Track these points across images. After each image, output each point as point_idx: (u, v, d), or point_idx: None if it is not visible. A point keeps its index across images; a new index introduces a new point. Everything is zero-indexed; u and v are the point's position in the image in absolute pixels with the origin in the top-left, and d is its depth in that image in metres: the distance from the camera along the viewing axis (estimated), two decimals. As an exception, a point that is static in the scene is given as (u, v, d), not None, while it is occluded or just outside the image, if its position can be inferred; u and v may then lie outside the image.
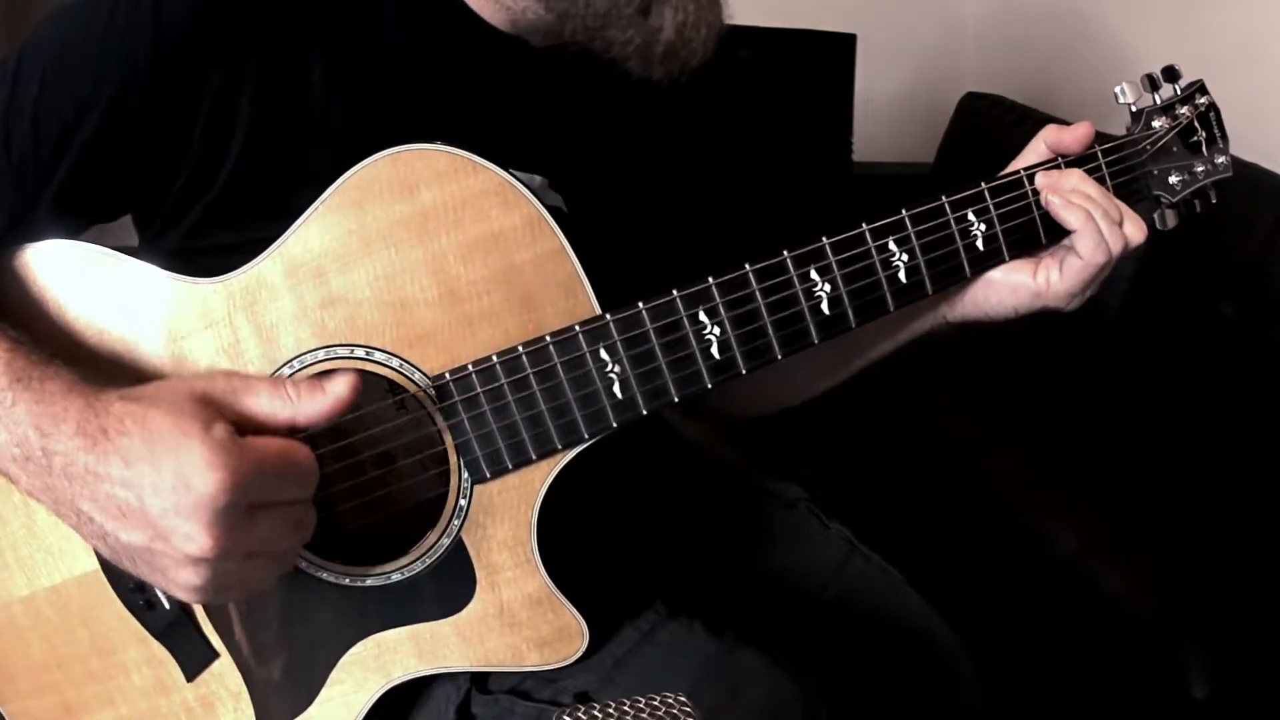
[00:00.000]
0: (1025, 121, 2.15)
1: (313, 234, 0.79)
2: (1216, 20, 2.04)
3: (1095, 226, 0.85)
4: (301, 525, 0.71)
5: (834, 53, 2.42)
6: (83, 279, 0.82)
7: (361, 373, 0.81)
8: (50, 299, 0.82)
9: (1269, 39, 1.93)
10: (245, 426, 0.70)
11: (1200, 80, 0.93)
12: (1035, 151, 0.90)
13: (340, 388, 0.71)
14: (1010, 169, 0.89)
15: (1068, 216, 0.86)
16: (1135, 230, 0.87)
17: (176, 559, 0.67)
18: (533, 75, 0.92)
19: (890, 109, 2.67)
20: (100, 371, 0.81)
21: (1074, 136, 0.88)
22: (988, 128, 2.24)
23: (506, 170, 0.79)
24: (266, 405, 0.71)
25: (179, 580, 0.68)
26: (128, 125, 0.80)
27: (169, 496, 0.65)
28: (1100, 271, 0.87)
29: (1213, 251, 1.68)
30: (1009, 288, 0.90)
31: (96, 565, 0.85)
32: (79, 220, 0.85)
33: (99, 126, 0.80)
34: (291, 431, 0.72)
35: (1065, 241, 0.88)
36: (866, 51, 2.44)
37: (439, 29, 0.88)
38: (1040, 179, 0.87)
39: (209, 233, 0.84)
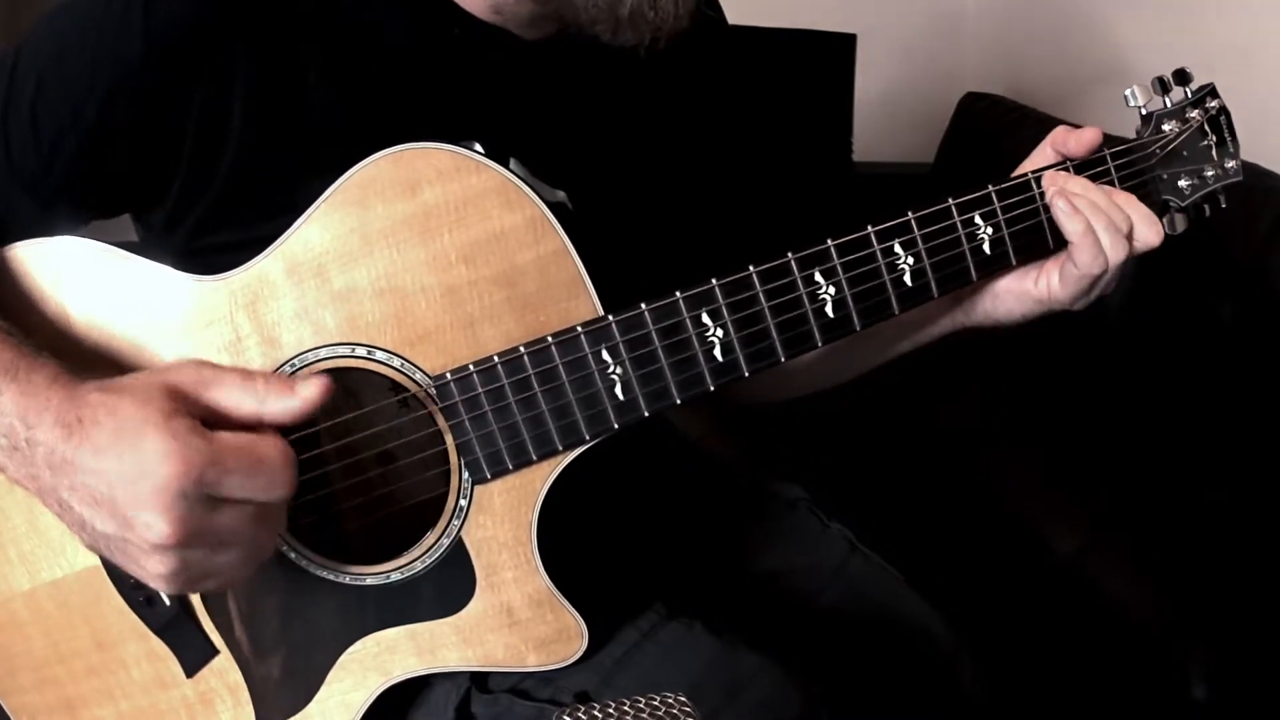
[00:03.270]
0: (1025, 121, 2.15)
1: (314, 232, 0.79)
2: (1216, 20, 2.04)
3: (1094, 239, 0.85)
4: (268, 519, 0.71)
5: (834, 53, 2.43)
6: (85, 275, 0.82)
7: (362, 371, 0.81)
8: (52, 294, 0.82)
9: (1269, 39, 1.93)
10: (211, 418, 0.70)
11: (1211, 84, 0.92)
12: (1044, 155, 0.90)
13: (311, 390, 0.71)
14: (1018, 172, 0.89)
15: (1068, 225, 0.85)
16: (1148, 232, 0.86)
17: (142, 547, 0.68)
18: (530, 72, 0.92)
19: (890, 109, 2.67)
20: (101, 367, 0.81)
21: (1079, 141, 0.88)
22: (987, 128, 2.24)
23: (509, 169, 0.79)
24: (234, 398, 0.71)
25: (148, 568, 0.70)
26: (121, 125, 0.80)
27: (131, 485, 0.67)
28: (1101, 278, 0.87)
29: (1212, 252, 1.68)
30: (1014, 296, 0.91)
31: (98, 561, 0.85)
32: (78, 217, 0.85)
33: (93, 126, 0.80)
34: (286, 431, 0.72)
35: (1064, 251, 0.87)
36: (866, 51, 2.44)
37: (432, 26, 0.88)
38: (1045, 180, 0.87)
39: (211, 231, 0.85)
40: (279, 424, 0.72)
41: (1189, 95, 0.92)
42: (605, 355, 0.80)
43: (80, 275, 0.82)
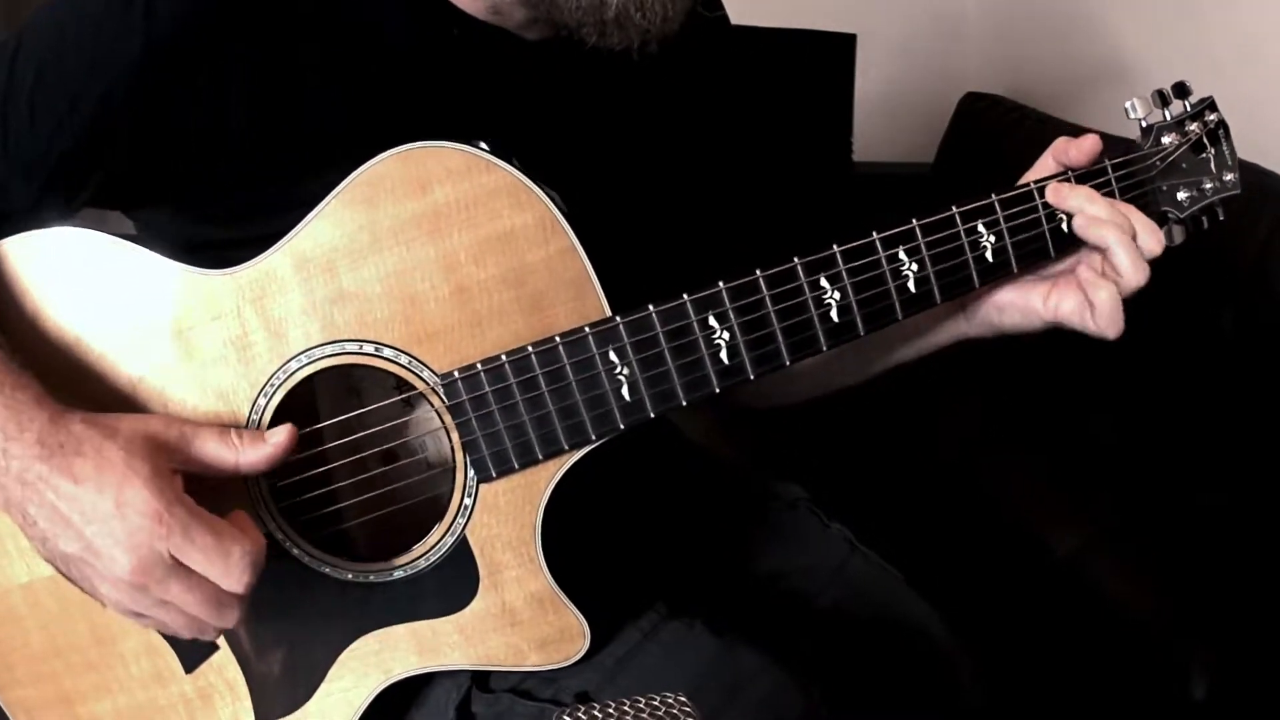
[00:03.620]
0: (1025, 121, 2.15)
1: (323, 229, 0.79)
2: (1216, 20, 2.04)
3: (1118, 304, 0.85)
4: (216, 605, 0.75)
5: (834, 53, 2.42)
6: (88, 267, 0.82)
7: (369, 368, 0.81)
8: (52, 288, 0.82)
9: (1269, 39, 1.93)
10: (192, 471, 0.77)
11: (1210, 97, 0.93)
12: (1045, 166, 0.90)
13: (280, 436, 0.78)
14: (1022, 182, 0.89)
15: (1095, 296, 0.85)
16: (1150, 240, 0.86)
17: (100, 574, 0.74)
18: (530, 72, 0.92)
19: (890, 109, 2.66)
20: (104, 363, 0.81)
21: (1080, 149, 0.88)
22: (988, 128, 2.24)
23: (517, 167, 0.79)
24: (213, 452, 0.77)
25: (101, 591, 0.75)
26: (120, 123, 0.81)
27: (105, 521, 0.72)
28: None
29: (1212, 253, 1.68)
30: (1019, 311, 0.91)
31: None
32: (72, 207, 0.85)
33: (90, 121, 0.80)
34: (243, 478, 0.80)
35: (1088, 296, 0.87)
36: (866, 51, 2.44)
37: (432, 26, 0.88)
38: (1049, 192, 0.87)
39: (210, 229, 0.85)
40: (256, 471, 0.79)
41: (1188, 108, 0.92)
42: (613, 356, 0.80)
43: (83, 268, 0.82)
